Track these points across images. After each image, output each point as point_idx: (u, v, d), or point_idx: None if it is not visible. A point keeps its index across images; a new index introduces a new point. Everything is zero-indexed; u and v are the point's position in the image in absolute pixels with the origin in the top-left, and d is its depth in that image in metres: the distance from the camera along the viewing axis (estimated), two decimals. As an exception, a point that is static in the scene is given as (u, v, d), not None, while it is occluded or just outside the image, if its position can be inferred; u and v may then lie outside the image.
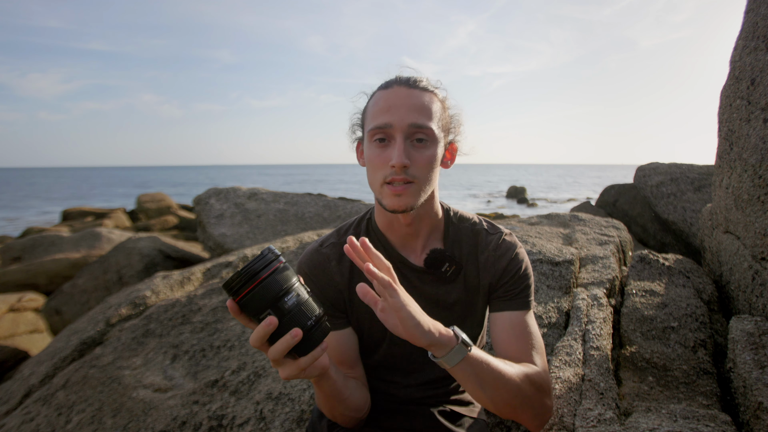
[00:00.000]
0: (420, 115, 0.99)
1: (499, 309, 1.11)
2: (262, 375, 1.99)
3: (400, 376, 1.18)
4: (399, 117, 0.98)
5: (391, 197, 0.99)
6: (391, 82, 1.04)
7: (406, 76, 1.05)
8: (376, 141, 1.00)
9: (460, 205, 26.11)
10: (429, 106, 1.01)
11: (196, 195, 6.16)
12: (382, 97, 1.02)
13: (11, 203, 35.23)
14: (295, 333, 0.75)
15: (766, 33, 1.65)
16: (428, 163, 1.00)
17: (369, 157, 1.03)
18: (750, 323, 1.42)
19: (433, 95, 1.04)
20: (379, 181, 1.01)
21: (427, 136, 1.00)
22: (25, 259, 6.90)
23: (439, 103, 1.04)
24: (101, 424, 1.98)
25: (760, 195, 1.58)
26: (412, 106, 0.99)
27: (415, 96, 1.00)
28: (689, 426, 1.12)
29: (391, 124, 0.98)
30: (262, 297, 0.76)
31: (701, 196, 4.22)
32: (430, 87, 1.05)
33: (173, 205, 15.93)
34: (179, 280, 3.26)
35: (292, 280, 0.79)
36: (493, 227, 1.17)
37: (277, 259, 0.79)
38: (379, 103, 1.01)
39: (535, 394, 0.98)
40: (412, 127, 0.98)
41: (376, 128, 1.00)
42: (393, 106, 0.99)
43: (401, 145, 0.97)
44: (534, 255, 2.28)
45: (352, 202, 5.65)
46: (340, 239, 1.16)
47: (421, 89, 1.02)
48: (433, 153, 1.01)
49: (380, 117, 0.99)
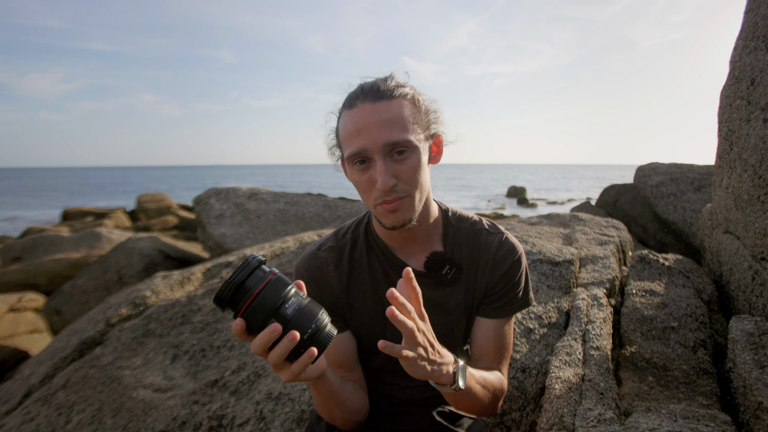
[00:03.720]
0: (392, 130, 0.94)
1: (486, 315, 1.12)
2: (262, 375, 1.99)
3: (399, 379, 1.18)
4: (371, 139, 0.93)
5: (387, 215, 0.98)
6: (354, 99, 0.97)
7: (369, 84, 0.98)
8: (357, 164, 0.97)
9: (459, 205, 26.09)
10: (400, 116, 0.95)
11: (196, 195, 6.16)
12: (350, 119, 0.96)
13: (11, 203, 35.23)
14: (293, 336, 0.75)
15: (766, 33, 1.65)
16: (414, 173, 0.97)
17: (355, 181, 1.00)
18: (750, 323, 1.42)
19: (401, 99, 0.97)
20: (371, 203, 0.99)
21: (405, 147, 0.95)
22: (25, 259, 6.90)
23: (408, 105, 0.98)
24: (101, 424, 1.98)
25: (760, 195, 1.58)
26: (383, 123, 0.93)
27: (382, 110, 0.94)
28: (689, 426, 1.12)
29: (365, 147, 0.94)
30: (263, 307, 0.75)
31: (701, 196, 4.22)
32: (396, 90, 0.97)
33: (173, 205, 15.93)
34: (179, 280, 3.26)
35: (288, 288, 0.79)
36: (494, 227, 1.16)
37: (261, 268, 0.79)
38: (348, 126, 0.96)
39: (493, 403, 1.06)
40: (388, 146, 0.93)
41: (352, 155, 0.96)
42: (362, 128, 0.94)
43: (382, 167, 0.93)
44: (534, 255, 2.28)
45: (352, 202, 5.65)
46: (338, 243, 1.15)
47: (387, 99, 0.95)
48: (417, 160, 0.97)
49: (353, 142, 0.95)
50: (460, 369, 0.91)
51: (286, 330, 0.76)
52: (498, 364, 1.11)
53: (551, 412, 1.27)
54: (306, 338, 0.77)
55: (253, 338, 0.77)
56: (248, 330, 0.77)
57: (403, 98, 0.97)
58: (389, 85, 0.98)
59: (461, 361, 0.92)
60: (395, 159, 0.95)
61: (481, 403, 1.01)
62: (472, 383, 0.95)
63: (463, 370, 0.91)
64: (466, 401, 0.98)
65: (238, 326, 0.76)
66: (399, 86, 0.99)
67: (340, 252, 1.13)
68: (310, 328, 0.77)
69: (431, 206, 1.10)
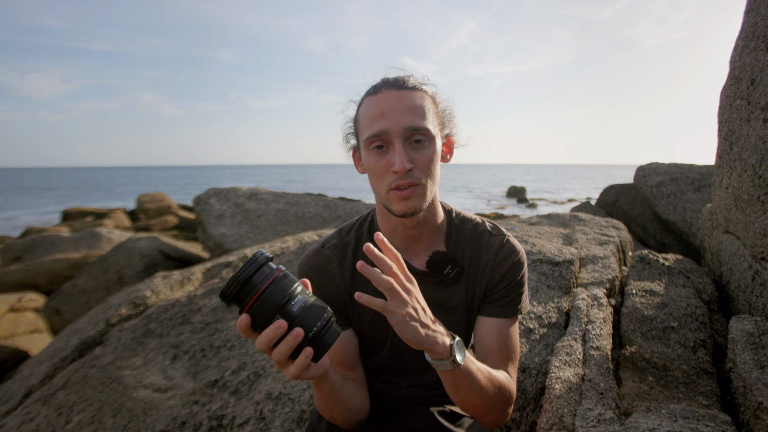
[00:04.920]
0: (415, 117, 0.98)
1: (488, 314, 1.12)
2: (262, 375, 1.99)
3: (401, 378, 1.18)
4: (394, 122, 0.97)
5: (399, 202, 0.99)
6: (379, 86, 1.02)
7: (393, 77, 1.03)
8: (375, 149, 1.00)
9: (459, 204, 26.09)
10: (422, 106, 1.00)
11: (196, 195, 6.16)
12: (373, 103, 1.01)
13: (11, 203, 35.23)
14: (297, 333, 0.75)
15: (766, 33, 1.65)
16: (430, 162, 1.00)
17: (369, 165, 1.02)
18: (750, 323, 1.42)
19: (423, 93, 1.02)
20: (384, 189, 1.00)
21: (424, 136, 0.99)
22: (25, 259, 6.90)
23: (429, 99, 1.03)
24: (101, 424, 1.98)
25: (760, 195, 1.58)
26: (405, 109, 0.98)
27: (406, 97, 0.99)
28: (689, 426, 1.12)
29: (387, 130, 0.97)
30: (269, 303, 0.75)
31: (701, 196, 4.22)
32: (419, 85, 1.03)
33: (173, 205, 15.94)
34: (179, 280, 3.26)
35: (294, 285, 0.79)
36: (496, 228, 1.17)
37: (268, 264, 0.79)
38: (371, 110, 1.00)
39: (501, 404, 1.02)
40: (408, 130, 0.97)
41: (373, 136, 0.98)
42: (386, 111, 0.98)
43: (401, 150, 0.96)
44: (534, 255, 2.28)
45: (352, 202, 5.65)
46: (341, 240, 1.16)
47: (410, 89, 1.01)
48: (433, 151, 1.01)
49: (375, 124, 0.98)
50: (456, 343, 0.87)
51: (291, 327, 0.76)
52: (504, 364, 1.08)
53: (551, 412, 1.27)
54: (311, 336, 0.77)
55: (257, 335, 0.78)
56: (253, 326, 0.77)
57: (425, 93, 1.03)
58: (412, 80, 1.03)
59: (457, 337, 0.89)
60: (414, 147, 0.99)
61: (485, 395, 0.96)
62: (472, 366, 0.92)
63: (460, 344, 0.88)
64: (467, 388, 0.93)
65: (244, 322, 0.76)
66: (421, 83, 1.05)
67: (344, 250, 1.14)
68: (315, 326, 0.77)
69: (437, 205, 1.12)
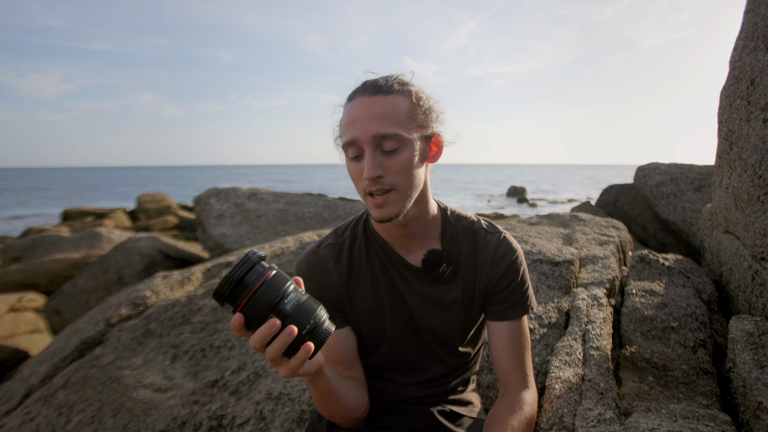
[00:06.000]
0: (382, 124, 0.97)
1: (496, 318, 1.13)
2: (262, 375, 1.99)
3: (399, 376, 1.18)
4: (362, 130, 0.97)
5: (374, 209, 1.01)
6: (355, 93, 1.03)
7: (371, 80, 1.03)
8: (350, 154, 1.02)
9: (459, 204, 26.11)
10: (393, 111, 0.98)
11: (196, 195, 6.15)
12: (348, 110, 1.02)
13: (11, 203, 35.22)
14: (291, 331, 0.75)
15: (765, 33, 1.65)
16: (403, 168, 0.99)
17: (348, 170, 1.04)
18: (750, 323, 1.42)
19: (398, 96, 1.00)
20: (361, 194, 1.03)
21: (397, 142, 0.98)
22: (25, 259, 6.90)
23: (407, 101, 1.01)
24: (101, 424, 1.98)
25: (760, 195, 1.58)
26: (374, 116, 0.97)
27: (376, 104, 0.98)
28: (689, 426, 1.12)
29: (356, 138, 0.98)
30: (262, 302, 0.76)
31: (701, 196, 4.22)
32: (396, 86, 1.01)
33: (173, 205, 15.94)
34: (179, 280, 3.26)
35: (287, 283, 0.79)
36: (492, 226, 1.17)
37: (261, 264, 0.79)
38: (345, 117, 1.02)
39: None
40: (376, 138, 0.97)
41: (346, 144, 1.01)
42: (356, 119, 0.99)
43: (369, 157, 0.97)
44: (534, 255, 2.28)
45: (351, 202, 5.66)
46: (337, 240, 1.17)
47: (384, 94, 0.99)
48: (407, 156, 0.99)
49: (347, 132, 1.00)
50: None
51: (284, 325, 0.76)
52: (521, 372, 1.12)
53: (551, 412, 1.27)
54: (304, 333, 0.77)
55: (251, 333, 0.78)
56: (247, 325, 0.78)
57: (401, 95, 1.01)
58: (388, 82, 1.02)
59: None
60: (385, 152, 0.98)
61: None
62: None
63: None
64: None
65: (237, 321, 0.76)
66: (400, 84, 1.02)
67: (340, 248, 1.15)
68: (308, 323, 0.78)
69: (429, 204, 1.12)
